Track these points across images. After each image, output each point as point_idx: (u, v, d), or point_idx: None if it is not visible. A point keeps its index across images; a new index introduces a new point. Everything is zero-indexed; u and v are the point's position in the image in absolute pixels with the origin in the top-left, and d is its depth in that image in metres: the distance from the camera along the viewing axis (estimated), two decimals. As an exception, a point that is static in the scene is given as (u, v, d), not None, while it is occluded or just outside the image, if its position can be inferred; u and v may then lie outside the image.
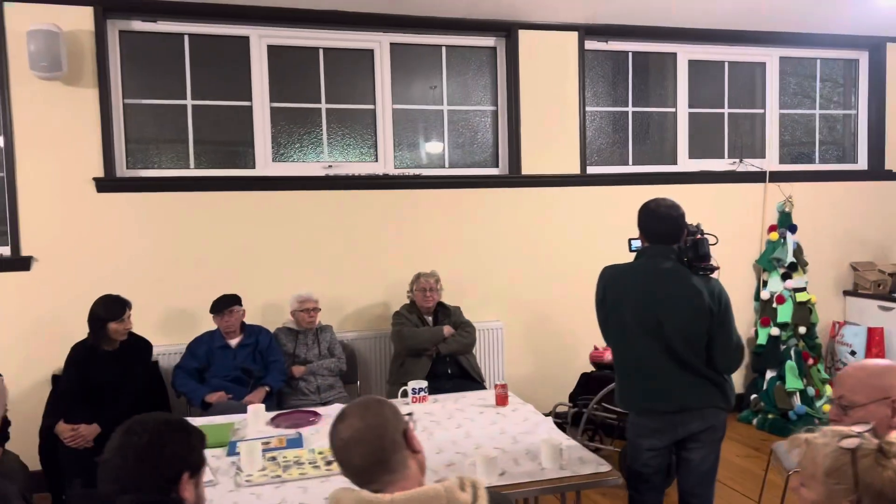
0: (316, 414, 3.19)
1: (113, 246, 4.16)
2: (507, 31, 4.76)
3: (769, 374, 5.08)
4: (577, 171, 4.90)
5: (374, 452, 1.42)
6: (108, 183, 4.12)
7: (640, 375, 2.59)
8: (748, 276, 5.36)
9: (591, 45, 4.96)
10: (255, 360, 3.92)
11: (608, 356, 4.15)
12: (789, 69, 5.48)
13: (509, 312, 4.82)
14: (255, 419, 3.10)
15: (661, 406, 2.57)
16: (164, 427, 1.53)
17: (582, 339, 4.81)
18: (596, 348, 4.40)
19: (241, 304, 3.97)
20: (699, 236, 2.62)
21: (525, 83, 4.77)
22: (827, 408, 4.91)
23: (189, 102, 4.38)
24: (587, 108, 4.99)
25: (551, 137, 4.84)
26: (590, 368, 4.41)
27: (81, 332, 3.66)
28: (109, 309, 3.58)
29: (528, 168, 4.80)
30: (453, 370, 4.16)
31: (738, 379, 5.33)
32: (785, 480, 3.14)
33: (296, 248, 4.45)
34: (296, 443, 2.82)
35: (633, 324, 2.57)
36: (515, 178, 4.79)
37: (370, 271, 4.58)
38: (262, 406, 3.17)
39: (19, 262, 4.01)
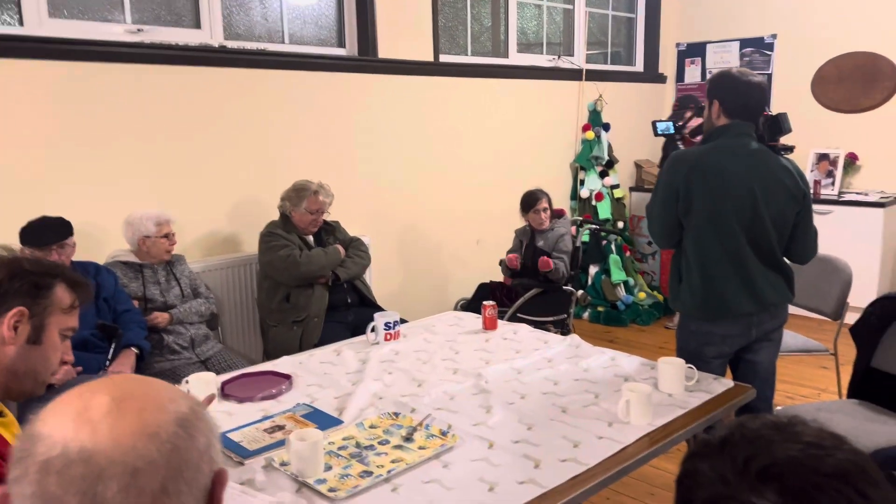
0: (281, 376, 2.22)
1: None
2: None
3: (593, 269, 5.23)
4: (430, 58, 4.26)
5: None
6: None
7: (728, 274, 2.24)
8: (566, 175, 5.38)
9: None
10: (100, 314, 2.62)
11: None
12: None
13: (373, 222, 4.06)
14: (204, 394, 2.02)
15: (746, 307, 2.27)
16: None
17: (455, 245, 4.33)
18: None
19: (73, 234, 2.58)
20: (771, 113, 2.34)
21: (377, -57, 3.91)
22: (643, 295, 5.26)
23: None
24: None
25: (404, 16, 4.10)
26: (484, 279, 3.96)
27: None
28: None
29: (382, 51, 4.01)
30: (352, 298, 3.35)
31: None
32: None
33: (87, 144, 3.04)
34: (326, 420, 1.89)
35: (728, 214, 2.20)
36: (372, 62, 3.97)
37: (200, 179, 3.40)
38: (211, 373, 2.09)
39: None
